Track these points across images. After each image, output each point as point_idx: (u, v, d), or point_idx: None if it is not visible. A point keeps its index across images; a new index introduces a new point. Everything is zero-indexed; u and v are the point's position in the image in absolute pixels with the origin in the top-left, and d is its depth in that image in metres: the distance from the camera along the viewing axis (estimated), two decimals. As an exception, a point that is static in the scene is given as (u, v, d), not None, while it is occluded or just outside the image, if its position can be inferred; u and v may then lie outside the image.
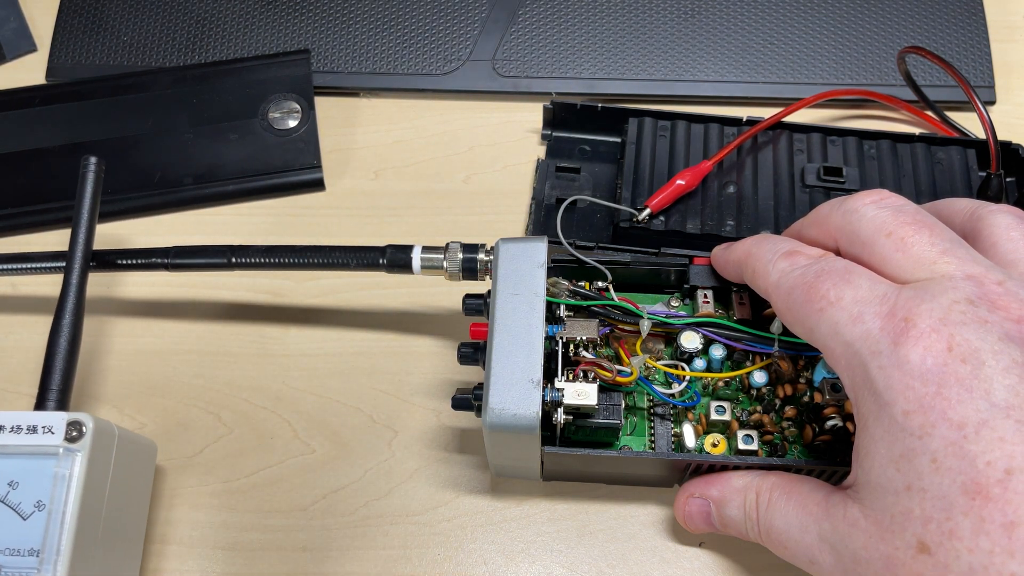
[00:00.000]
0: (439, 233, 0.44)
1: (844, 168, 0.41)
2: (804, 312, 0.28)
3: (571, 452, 0.32)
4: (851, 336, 0.26)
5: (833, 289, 0.27)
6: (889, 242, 0.28)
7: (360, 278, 0.42)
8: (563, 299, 0.33)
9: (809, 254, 0.29)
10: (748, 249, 0.32)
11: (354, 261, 0.37)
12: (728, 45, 0.48)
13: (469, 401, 0.33)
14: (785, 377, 0.33)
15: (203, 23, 0.49)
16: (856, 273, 0.27)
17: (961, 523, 0.23)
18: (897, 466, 0.25)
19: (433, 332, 0.41)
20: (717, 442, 0.34)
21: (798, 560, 0.29)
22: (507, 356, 0.31)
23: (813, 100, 0.43)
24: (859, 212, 0.29)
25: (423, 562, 0.36)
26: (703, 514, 0.33)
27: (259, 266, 0.37)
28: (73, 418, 0.30)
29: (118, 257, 0.38)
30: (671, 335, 0.35)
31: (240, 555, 0.36)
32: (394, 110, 0.48)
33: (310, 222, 0.44)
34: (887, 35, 0.48)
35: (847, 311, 0.26)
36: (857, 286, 0.27)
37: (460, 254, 0.35)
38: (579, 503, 0.37)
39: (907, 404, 0.24)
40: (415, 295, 0.42)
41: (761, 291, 0.31)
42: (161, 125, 0.46)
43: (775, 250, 0.30)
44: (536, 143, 0.46)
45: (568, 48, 0.48)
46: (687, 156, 0.42)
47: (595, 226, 0.42)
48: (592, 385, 0.31)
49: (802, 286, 0.28)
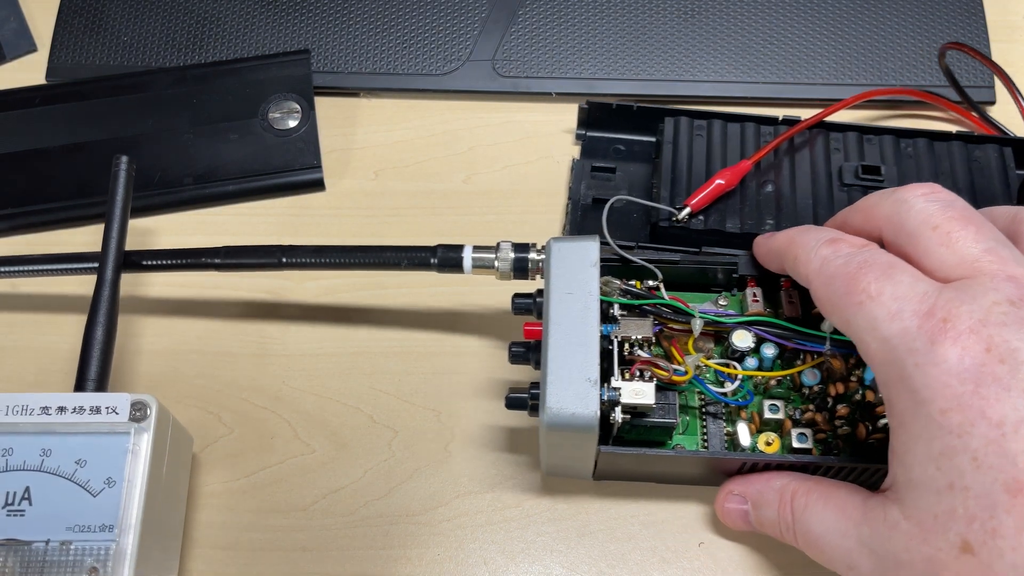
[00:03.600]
0: (439, 233, 0.44)
1: (882, 167, 0.41)
2: (842, 303, 0.28)
3: (628, 452, 0.32)
4: (888, 333, 0.26)
5: (874, 283, 0.27)
6: (935, 235, 0.27)
7: (360, 278, 0.42)
8: (616, 298, 0.33)
9: (852, 243, 0.29)
10: (791, 237, 0.32)
11: (405, 261, 0.37)
12: (728, 45, 0.48)
13: (523, 400, 0.33)
14: (836, 375, 0.33)
15: (203, 23, 0.49)
16: (898, 269, 0.27)
17: (1004, 521, 0.23)
18: (937, 464, 0.25)
19: (434, 332, 0.41)
20: (771, 441, 0.34)
21: (835, 565, 0.29)
22: (563, 355, 0.31)
23: (853, 100, 0.43)
24: (908, 203, 0.29)
25: (423, 562, 0.36)
26: (741, 512, 0.33)
27: (309, 266, 0.37)
28: (137, 399, 0.31)
29: (168, 257, 0.38)
30: (720, 334, 0.35)
31: (240, 555, 0.36)
32: (394, 110, 0.48)
33: (310, 222, 0.44)
34: (887, 35, 0.48)
35: (886, 307, 0.26)
36: (898, 282, 0.27)
37: (511, 253, 0.35)
38: (579, 503, 0.37)
39: (945, 402, 0.24)
40: (415, 295, 0.42)
41: (802, 278, 0.31)
42: (161, 125, 0.46)
43: (818, 238, 0.30)
44: (537, 142, 0.46)
45: (568, 48, 0.48)
46: (724, 155, 0.42)
47: (632, 225, 0.42)
48: (649, 384, 0.31)
49: (843, 276, 0.28)
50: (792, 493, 0.31)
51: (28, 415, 0.30)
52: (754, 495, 0.33)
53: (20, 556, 0.29)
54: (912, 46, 0.48)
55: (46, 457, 0.30)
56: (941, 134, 0.42)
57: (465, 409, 0.39)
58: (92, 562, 0.29)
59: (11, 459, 0.30)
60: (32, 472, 0.30)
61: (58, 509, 0.30)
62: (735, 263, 0.36)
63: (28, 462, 0.30)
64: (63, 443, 0.30)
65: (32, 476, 0.30)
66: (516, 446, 0.38)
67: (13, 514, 0.30)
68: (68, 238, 0.44)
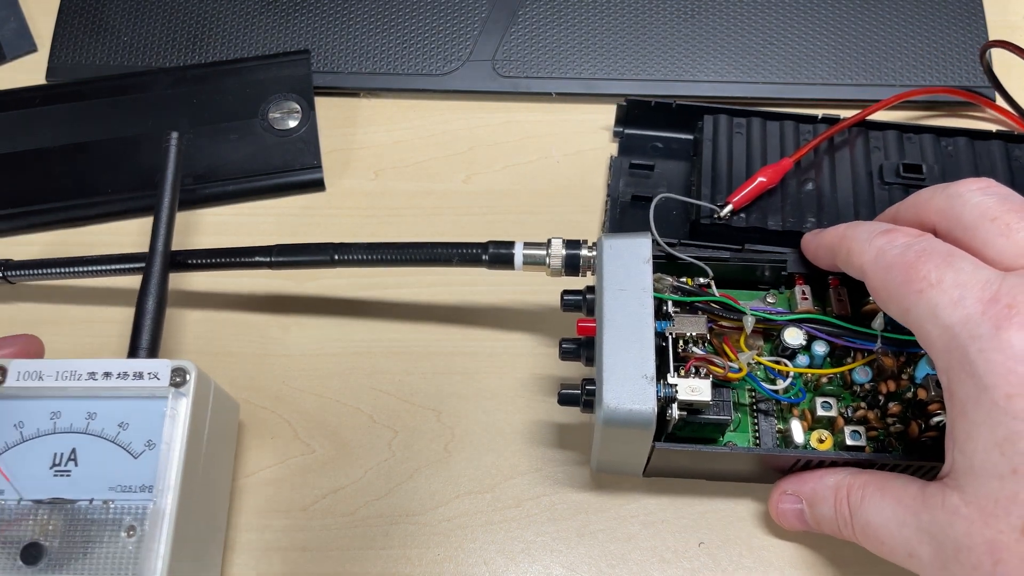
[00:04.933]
0: (439, 234, 0.44)
1: (923, 165, 0.41)
2: (901, 292, 0.28)
3: (684, 448, 0.32)
4: (951, 319, 0.26)
5: (935, 271, 0.27)
6: (993, 227, 0.28)
7: (361, 278, 0.42)
8: (668, 295, 0.33)
9: (908, 233, 0.29)
10: (842, 232, 0.32)
11: (456, 257, 0.37)
12: (728, 45, 0.48)
13: (577, 397, 0.33)
14: (887, 373, 0.33)
15: (203, 23, 0.49)
16: (958, 256, 0.27)
17: None
18: (1001, 450, 0.25)
19: (433, 332, 0.41)
20: (823, 438, 0.34)
21: (896, 555, 0.29)
22: (618, 352, 0.31)
23: (894, 100, 0.43)
24: (964, 197, 0.29)
25: (423, 562, 0.36)
26: (796, 512, 0.33)
27: (362, 263, 0.38)
28: (177, 365, 0.32)
29: (217, 256, 0.39)
30: (769, 331, 0.35)
31: (240, 555, 0.36)
32: (394, 110, 0.48)
33: (310, 222, 0.45)
34: (887, 35, 0.48)
35: (947, 294, 0.26)
36: (959, 269, 0.27)
37: (563, 250, 0.36)
38: (579, 503, 0.37)
39: (1010, 388, 0.24)
40: (415, 295, 0.42)
41: (855, 270, 0.31)
42: (161, 125, 0.46)
43: (872, 229, 0.30)
44: (537, 143, 0.46)
45: (568, 48, 0.48)
46: (764, 153, 0.42)
47: (672, 223, 0.42)
48: (705, 381, 0.31)
49: (901, 265, 0.28)
50: (847, 488, 0.31)
51: (76, 380, 0.31)
52: (808, 493, 0.33)
53: (64, 514, 0.30)
54: (912, 46, 0.48)
55: (91, 420, 0.31)
56: (981, 133, 0.42)
57: (465, 409, 0.39)
58: (130, 520, 0.30)
59: (59, 422, 0.31)
60: (78, 434, 0.31)
61: (102, 470, 0.31)
62: (784, 260, 0.36)
63: (75, 424, 0.31)
64: (107, 407, 0.31)
65: (78, 438, 0.31)
66: (516, 446, 0.38)
67: (60, 474, 0.31)
68: (68, 238, 0.44)
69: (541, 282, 0.37)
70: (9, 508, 0.30)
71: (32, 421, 0.31)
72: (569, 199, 0.45)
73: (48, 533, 0.30)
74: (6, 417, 0.31)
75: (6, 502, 0.30)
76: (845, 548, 0.35)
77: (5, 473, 0.31)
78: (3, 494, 0.30)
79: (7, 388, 0.32)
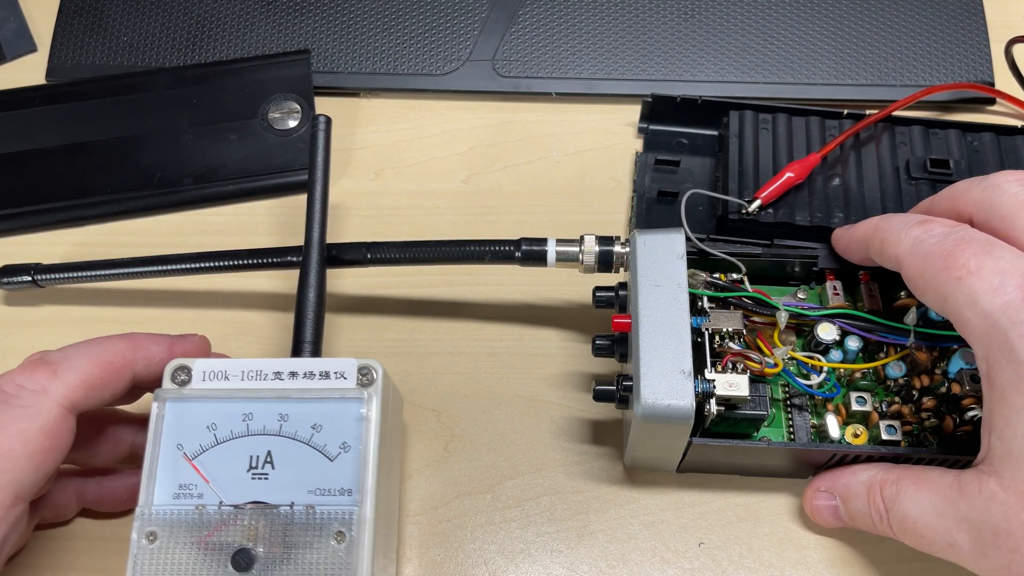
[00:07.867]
0: (439, 234, 0.44)
1: (950, 160, 0.41)
2: (939, 280, 0.28)
3: (721, 444, 0.32)
4: (991, 306, 0.26)
5: (973, 259, 0.27)
6: None
7: (361, 277, 0.42)
8: (702, 290, 0.33)
9: (944, 223, 0.29)
10: (875, 224, 0.32)
11: (489, 254, 0.37)
12: (728, 45, 0.48)
13: (612, 393, 0.33)
14: (921, 368, 0.34)
15: (203, 23, 0.49)
16: (997, 245, 0.27)
17: None
18: None
19: (433, 332, 0.41)
20: (859, 433, 0.34)
21: (935, 546, 0.29)
22: (655, 347, 0.31)
23: (918, 96, 0.43)
24: (1001, 187, 0.29)
25: (423, 562, 0.36)
26: (831, 508, 0.34)
27: (395, 261, 0.38)
28: (363, 364, 0.31)
29: (248, 257, 0.38)
30: (801, 327, 0.35)
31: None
32: (394, 110, 0.48)
33: (310, 222, 0.44)
34: (887, 35, 0.48)
35: (987, 281, 0.26)
36: (999, 257, 0.27)
37: (596, 247, 0.36)
38: (579, 503, 0.37)
39: None
40: (416, 295, 0.42)
41: (890, 261, 0.31)
42: (161, 125, 0.46)
43: (907, 220, 0.30)
44: (537, 143, 0.46)
45: (568, 48, 0.48)
46: (790, 149, 0.42)
47: (697, 218, 0.42)
48: (743, 376, 0.31)
49: (939, 253, 0.28)
50: (881, 483, 0.31)
51: (263, 380, 0.31)
52: (842, 490, 0.33)
53: (267, 519, 0.29)
54: (912, 46, 0.48)
55: (284, 422, 0.30)
56: (1007, 128, 0.42)
57: (465, 409, 0.39)
58: (338, 526, 0.29)
59: (252, 424, 0.30)
60: (272, 436, 0.30)
61: (299, 473, 0.30)
62: (815, 256, 0.36)
63: (268, 427, 0.30)
64: (298, 408, 0.31)
65: (272, 440, 0.30)
66: (516, 446, 0.38)
67: (258, 477, 0.30)
68: (68, 238, 0.44)
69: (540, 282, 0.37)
70: (211, 512, 0.29)
71: (224, 423, 0.30)
72: (569, 199, 0.45)
73: (255, 538, 0.29)
74: (198, 419, 0.30)
75: (207, 506, 0.29)
76: (845, 548, 0.35)
77: (204, 475, 0.30)
78: (203, 498, 0.29)
79: (195, 389, 0.31)
